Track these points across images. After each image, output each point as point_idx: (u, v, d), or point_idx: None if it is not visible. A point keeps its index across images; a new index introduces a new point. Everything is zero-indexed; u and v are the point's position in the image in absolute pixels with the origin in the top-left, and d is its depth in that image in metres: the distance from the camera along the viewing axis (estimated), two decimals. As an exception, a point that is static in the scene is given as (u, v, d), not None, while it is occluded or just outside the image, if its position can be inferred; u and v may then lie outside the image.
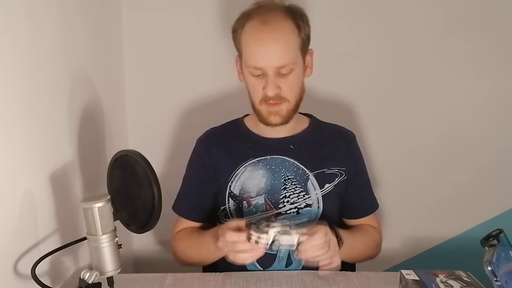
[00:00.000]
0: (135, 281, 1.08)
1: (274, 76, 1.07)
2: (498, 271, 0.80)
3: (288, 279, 1.08)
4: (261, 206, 1.16)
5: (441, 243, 1.69)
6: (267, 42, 1.06)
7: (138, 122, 1.63)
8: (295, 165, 1.17)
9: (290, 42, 1.07)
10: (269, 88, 1.07)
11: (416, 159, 1.64)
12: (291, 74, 1.08)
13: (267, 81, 1.07)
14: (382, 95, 1.60)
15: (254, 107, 1.15)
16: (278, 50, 1.06)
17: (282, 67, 1.06)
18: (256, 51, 1.07)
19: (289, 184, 1.17)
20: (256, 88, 1.11)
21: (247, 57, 1.10)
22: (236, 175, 1.18)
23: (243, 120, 1.26)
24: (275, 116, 1.13)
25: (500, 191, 1.65)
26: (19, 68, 0.90)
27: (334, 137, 1.24)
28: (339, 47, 1.55)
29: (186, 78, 1.59)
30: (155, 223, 0.87)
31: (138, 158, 0.86)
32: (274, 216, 1.16)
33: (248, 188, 1.17)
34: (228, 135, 1.24)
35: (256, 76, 1.09)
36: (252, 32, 1.08)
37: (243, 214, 1.17)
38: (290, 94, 1.11)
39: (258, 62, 1.07)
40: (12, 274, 0.87)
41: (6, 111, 0.85)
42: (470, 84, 1.58)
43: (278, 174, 1.17)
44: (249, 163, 1.18)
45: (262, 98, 1.11)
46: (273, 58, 1.05)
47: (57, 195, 1.03)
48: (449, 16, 1.54)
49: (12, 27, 0.87)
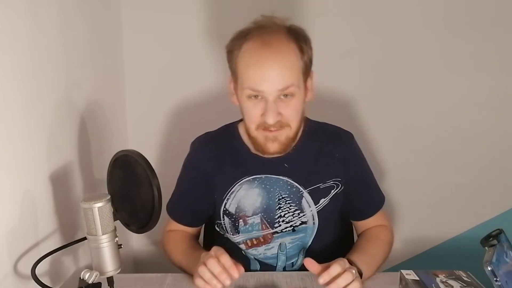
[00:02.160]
0: (135, 281, 1.08)
1: (274, 102, 1.00)
2: (498, 271, 0.80)
3: (288, 279, 1.08)
4: (257, 225, 1.15)
5: (441, 243, 1.69)
6: (269, 65, 0.99)
7: (138, 122, 1.63)
8: (288, 183, 1.14)
9: (293, 65, 1.01)
10: (269, 115, 1.00)
11: (416, 159, 1.64)
12: (293, 99, 1.02)
13: (266, 107, 1.00)
14: (383, 95, 1.60)
15: (249, 134, 1.08)
16: (280, 73, 0.99)
17: (284, 89, 0.99)
18: (257, 73, 1.00)
19: (283, 203, 1.14)
20: (253, 114, 1.03)
21: (244, 80, 1.02)
22: (232, 192, 1.15)
23: (238, 128, 1.19)
24: (273, 143, 1.05)
25: (500, 191, 1.65)
26: (19, 68, 0.90)
27: (328, 146, 1.17)
28: (340, 46, 1.55)
29: (186, 78, 1.59)
30: (155, 223, 0.87)
31: (138, 158, 0.86)
32: (270, 234, 1.16)
33: (244, 207, 1.15)
34: (223, 146, 1.18)
35: (253, 101, 1.02)
36: (251, 53, 1.01)
37: (239, 231, 1.17)
38: (292, 119, 1.04)
39: (258, 85, 0.99)
40: (12, 274, 0.87)
41: (6, 111, 0.85)
42: (470, 83, 1.58)
43: (273, 194, 1.14)
44: (245, 181, 1.14)
45: (259, 124, 1.03)
46: (275, 81, 0.99)
47: (57, 195, 1.03)
48: (450, 16, 1.54)
49: (12, 27, 0.87)
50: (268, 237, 1.16)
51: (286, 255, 1.19)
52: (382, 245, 1.17)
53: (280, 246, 1.18)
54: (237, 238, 1.18)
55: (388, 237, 1.21)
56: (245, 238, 1.18)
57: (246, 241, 1.18)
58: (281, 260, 1.19)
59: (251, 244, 1.18)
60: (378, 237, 1.19)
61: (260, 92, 1.00)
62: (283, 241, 1.17)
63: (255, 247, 1.18)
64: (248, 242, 1.18)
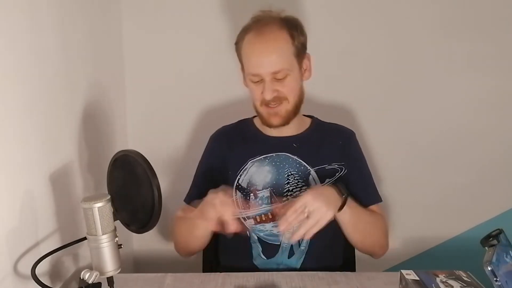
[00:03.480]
0: (135, 281, 1.08)
1: (270, 81, 1.17)
2: (498, 271, 0.80)
3: (288, 279, 1.08)
4: (267, 199, 1.24)
5: (441, 243, 1.69)
6: (261, 52, 1.17)
7: (138, 122, 1.63)
8: (297, 161, 1.25)
9: (283, 50, 1.17)
10: (266, 92, 1.17)
11: (416, 159, 1.64)
12: (287, 78, 1.17)
13: (264, 87, 1.18)
14: (382, 96, 1.60)
15: (257, 110, 1.25)
16: (272, 58, 1.15)
17: (276, 72, 1.16)
18: (253, 60, 1.18)
19: (292, 179, 1.24)
20: (256, 93, 1.21)
21: (247, 66, 1.20)
22: (245, 169, 1.26)
23: (253, 120, 1.35)
24: (275, 117, 1.22)
25: (500, 191, 1.65)
26: (20, 68, 0.90)
27: (333, 136, 1.31)
28: (340, 48, 1.55)
29: (186, 78, 1.59)
30: (155, 223, 0.87)
31: (138, 158, 0.86)
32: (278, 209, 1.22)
33: (255, 181, 1.25)
34: (238, 133, 1.34)
35: (255, 82, 1.19)
36: (249, 43, 1.18)
37: (250, 206, 1.24)
38: (289, 94, 1.20)
39: (256, 69, 1.17)
40: (12, 274, 0.87)
41: (6, 111, 0.85)
42: (470, 84, 1.58)
43: (282, 170, 1.25)
44: (257, 160, 1.26)
45: (261, 101, 1.21)
46: (268, 65, 1.15)
47: (57, 195, 1.03)
48: (449, 17, 1.54)
49: (12, 28, 0.87)
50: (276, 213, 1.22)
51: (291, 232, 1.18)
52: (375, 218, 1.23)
53: None
54: (247, 213, 1.24)
55: (383, 222, 1.25)
56: (254, 213, 1.23)
57: (255, 217, 1.24)
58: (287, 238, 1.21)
59: (260, 220, 1.24)
60: (374, 212, 1.26)
61: (258, 76, 1.18)
62: None
63: (263, 223, 1.23)
64: (257, 218, 1.24)
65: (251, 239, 1.24)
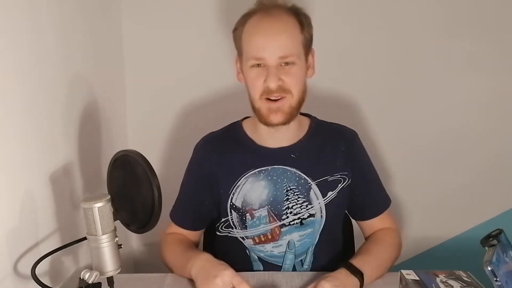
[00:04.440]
0: (135, 281, 1.08)
1: (276, 67, 1.03)
2: (498, 271, 0.80)
3: (288, 279, 1.08)
4: (264, 218, 1.14)
5: (441, 243, 1.69)
6: (269, 33, 1.04)
7: (138, 122, 1.63)
8: (296, 174, 1.14)
9: (294, 34, 1.05)
10: (271, 79, 1.03)
11: (417, 159, 1.64)
12: (294, 67, 1.05)
13: (268, 73, 1.03)
14: (383, 95, 1.60)
15: (254, 105, 1.09)
16: (280, 41, 1.03)
17: (285, 57, 1.03)
18: (259, 41, 1.04)
19: (291, 194, 1.14)
20: (256, 82, 1.06)
21: (248, 50, 1.06)
22: (237, 186, 1.14)
23: (242, 124, 1.21)
24: (276, 114, 1.07)
25: (500, 191, 1.65)
26: (20, 68, 0.90)
27: (334, 140, 1.19)
28: (341, 46, 1.55)
29: (186, 78, 1.59)
30: (155, 223, 0.87)
31: (138, 158, 0.86)
32: (278, 227, 1.15)
33: (250, 200, 1.14)
34: (227, 143, 1.19)
35: (256, 68, 1.05)
36: (254, 24, 1.06)
37: (247, 226, 1.15)
38: (294, 86, 1.06)
39: (260, 52, 1.03)
40: (12, 274, 0.87)
41: (6, 112, 0.85)
42: (471, 84, 1.58)
43: (280, 185, 1.13)
44: (250, 174, 1.14)
45: (263, 92, 1.05)
46: (276, 48, 1.03)
47: (57, 195, 1.03)
48: (450, 16, 1.54)
49: (12, 28, 0.87)
50: (276, 232, 1.14)
51: (294, 253, 1.17)
52: (388, 246, 1.16)
53: (289, 244, 1.16)
54: (245, 233, 1.16)
55: (395, 239, 1.20)
56: (253, 234, 1.16)
57: (254, 237, 1.16)
58: (289, 259, 1.17)
59: (259, 241, 1.16)
60: (383, 239, 1.18)
61: (262, 60, 1.04)
62: (291, 239, 1.15)
63: (263, 243, 1.16)
64: (255, 239, 1.16)
65: (251, 258, 1.18)
